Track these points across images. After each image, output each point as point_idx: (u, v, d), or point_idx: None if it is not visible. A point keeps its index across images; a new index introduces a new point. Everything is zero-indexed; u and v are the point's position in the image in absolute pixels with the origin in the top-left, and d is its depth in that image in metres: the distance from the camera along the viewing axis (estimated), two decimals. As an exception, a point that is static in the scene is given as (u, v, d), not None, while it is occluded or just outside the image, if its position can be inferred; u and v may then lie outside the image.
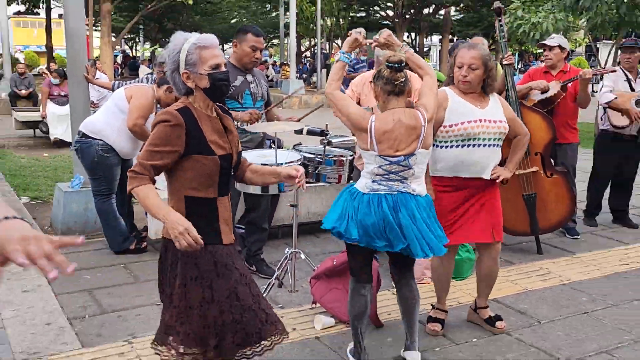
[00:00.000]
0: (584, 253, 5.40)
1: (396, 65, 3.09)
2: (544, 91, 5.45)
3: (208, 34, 2.57)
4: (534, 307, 4.24)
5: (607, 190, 6.34)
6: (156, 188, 5.46)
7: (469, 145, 3.54)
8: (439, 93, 3.62)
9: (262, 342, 2.58)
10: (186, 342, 2.50)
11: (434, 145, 3.55)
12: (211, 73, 2.47)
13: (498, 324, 3.84)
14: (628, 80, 5.86)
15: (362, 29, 3.66)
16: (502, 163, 3.73)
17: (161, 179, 5.37)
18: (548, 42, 5.69)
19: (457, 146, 3.54)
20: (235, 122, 4.18)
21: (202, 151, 2.46)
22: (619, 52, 6.16)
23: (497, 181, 3.64)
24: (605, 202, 6.37)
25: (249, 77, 4.52)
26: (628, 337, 3.82)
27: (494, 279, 3.88)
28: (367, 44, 3.58)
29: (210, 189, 2.53)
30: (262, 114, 4.52)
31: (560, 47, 5.62)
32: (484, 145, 3.55)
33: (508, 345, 3.69)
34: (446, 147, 3.57)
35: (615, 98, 5.75)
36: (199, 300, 2.47)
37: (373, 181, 3.17)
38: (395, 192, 3.14)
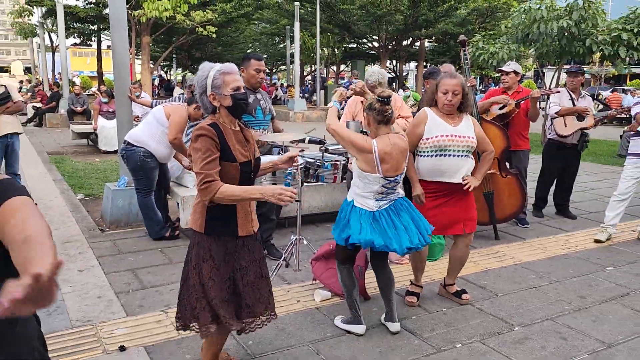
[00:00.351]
0: (532, 239, 5.40)
1: (385, 99, 3.16)
2: (503, 106, 5.47)
3: (229, 63, 2.58)
4: (492, 283, 4.24)
5: (552, 188, 6.34)
6: (186, 187, 5.48)
7: (441, 155, 3.54)
8: (420, 113, 3.68)
9: (260, 317, 2.62)
10: (205, 316, 2.51)
11: (417, 154, 3.64)
12: (233, 94, 2.49)
13: (463, 296, 3.85)
14: (571, 99, 5.86)
15: (342, 89, 3.71)
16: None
17: (191, 177, 5.40)
18: (505, 68, 5.70)
19: (432, 155, 3.56)
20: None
21: (228, 158, 2.47)
22: (564, 75, 6.16)
23: (468, 189, 3.59)
24: (550, 198, 6.37)
25: (259, 96, 4.52)
26: (568, 307, 3.82)
27: (464, 263, 3.88)
28: (348, 95, 3.77)
29: None
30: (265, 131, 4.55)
31: (515, 72, 5.64)
32: (453, 155, 3.53)
33: (471, 314, 3.69)
34: (424, 156, 3.59)
35: (561, 109, 5.78)
36: (207, 278, 2.51)
37: (377, 200, 3.21)
38: (393, 201, 3.25)
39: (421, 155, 3.61)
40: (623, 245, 5.26)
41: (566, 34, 12.01)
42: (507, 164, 5.49)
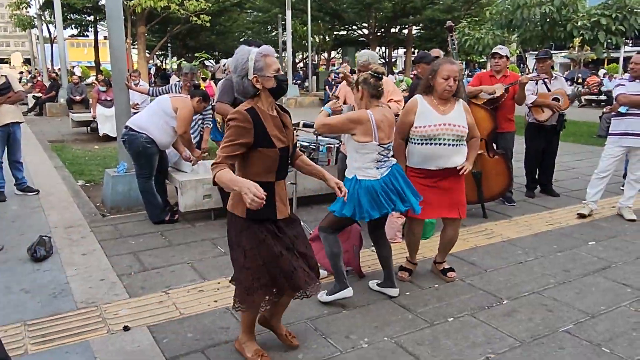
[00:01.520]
0: (518, 216, 5.40)
1: (379, 75, 3.26)
2: (491, 94, 5.43)
3: (267, 45, 2.50)
4: (481, 259, 4.24)
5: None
6: (184, 171, 5.42)
7: (431, 144, 3.48)
8: (411, 101, 3.65)
9: (304, 290, 2.61)
10: (262, 293, 2.54)
11: (409, 142, 3.60)
12: (276, 75, 2.44)
13: (449, 274, 3.84)
14: (544, 83, 5.83)
15: (335, 100, 3.72)
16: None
17: (188, 163, 5.35)
18: (500, 51, 5.59)
19: (423, 144, 3.51)
20: None
21: (265, 144, 2.42)
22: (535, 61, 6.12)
23: (463, 173, 3.55)
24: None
25: None
26: (553, 280, 3.83)
27: (453, 244, 3.87)
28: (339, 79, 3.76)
29: (270, 175, 2.50)
30: None
31: (506, 56, 5.60)
32: (444, 144, 3.48)
33: (461, 288, 3.69)
34: (415, 143, 3.55)
35: (536, 99, 5.74)
36: (263, 259, 2.50)
37: (377, 168, 3.25)
38: (390, 167, 3.31)
39: (413, 143, 3.57)
40: (604, 220, 5.27)
41: (548, 19, 11.97)
42: (494, 145, 5.48)
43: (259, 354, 2.73)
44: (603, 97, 18.33)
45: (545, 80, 5.81)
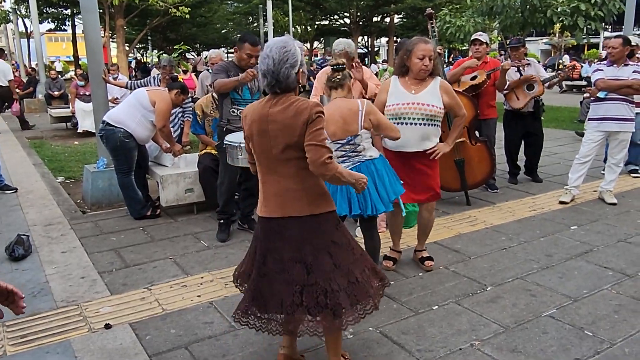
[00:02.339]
0: (502, 203, 5.42)
1: (335, 66, 3.22)
2: (474, 77, 5.41)
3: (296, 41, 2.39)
4: (465, 246, 4.25)
5: (521, 155, 6.34)
6: (165, 165, 5.34)
7: (400, 123, 3.43)
8: (385, 81, 3.64)
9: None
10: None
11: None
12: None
13: (426, 262, 3.81)
14: (518, 70, 5.81)
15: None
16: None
17: (169, 156, 5.27)
18: (481, 38, 5.58)
19: (395, 123, 3.42)
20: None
21: None
22: (528, 47, 6.14)
23: (435, 157, 3.52)
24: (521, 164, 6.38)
25: None
26: (536, 265, 3.86)
27: (430, 227, 3.85)
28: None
29: None
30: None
31: (486, 43, 5.60)
32: (412, 124, 3.43)
33: (446, 276, 3.70)
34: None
35: (509, 84, 5.71)
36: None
37: (340, 162, 3.15)
38: (358, 164, 3.17)
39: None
40: (586, 205, 5.32)
41: (528, 6, 12.01)
42: (477, 132, 5.48)
43: None
44: (583, 83, 18.50)
45: (520, 67, 5.80)
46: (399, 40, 31.22)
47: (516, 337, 2.88)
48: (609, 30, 28.09)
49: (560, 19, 11.90)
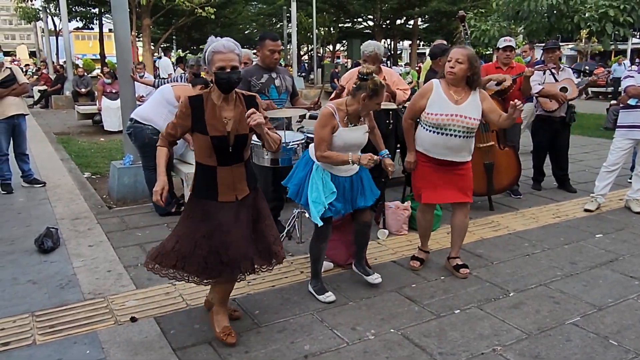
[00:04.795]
0: (525, 209, 5.37)
1: (363, 76, 3.17)
2: (499, 83, 5.38)
3: (226, 41, 2.62)
4: (488, 252, 4.22)
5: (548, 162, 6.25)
6: (189, 163, 5.37)
7: (441, 134, 3.45)
8: (427, 84, 3.61)
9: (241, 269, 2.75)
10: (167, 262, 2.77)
11: (420, 124, 3.57)
12: (216, 72, 2.58)
13: (461, 270, 3.74)
14: (552, 74, 5.77)
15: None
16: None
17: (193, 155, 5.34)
18: (512, 44, 5.54)
19: (433, 132, 3.47)
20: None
21: (200, 130, 2.64)
22: (543, 52, 6.06)
23: (468, 170, 3.60)
24: (548, 171, 6.28)
25: (274, 74, 4.38)
26: (560, 272, 3.81)
27: (465, 231, 3.79)
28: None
29: (211, 159, 2.68)
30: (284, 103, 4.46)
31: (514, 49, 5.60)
32: (455, 135, 3.45)
33: (468, 281, 3.68)
34: (426, 129, 3.53)
35: (543, 88, 5.68)
36: (184, 232, 2.74)
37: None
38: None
39: (424, 128, 3.55)
40: (611, 213, 5.24)
41: (555, 11, 11.86)
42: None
43: (226, 332, 2.84)
44: (610, 90, 18.19)
45: (553, 71, 5.76)
46: (421, 44, 31.11)
47: (539, 344, 2.86)
48: (637, 36, 27.52)
49: (588, 25, 11.72)
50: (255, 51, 4.89)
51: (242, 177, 2.77)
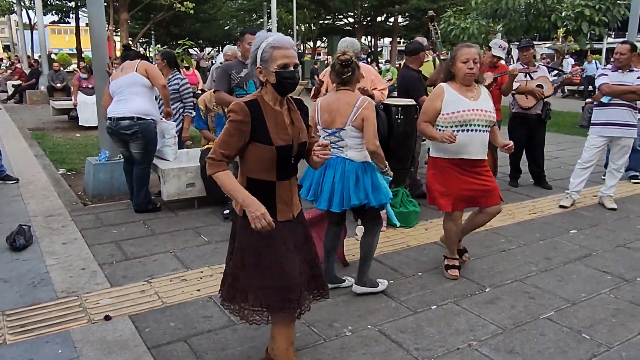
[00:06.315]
0: (501, 205, 5.41)
1: (343, 62, 3.18)
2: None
3: (283, 36, 2.26)
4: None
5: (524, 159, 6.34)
6: (167, 160, 5.35)
7: (465, 130, 3.38)
8: (437, 88, 3.53)
9: (305, 303, 2.41)
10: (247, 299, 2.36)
11: (437, 128, 3.47)
12: (278, 71, 2.20)
13: (464, 256, 3.91)
14: (527, 74, 5.85)
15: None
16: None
17: (172, 150, 5.29)
18: (503, 55, 5.68)
19: (458, 130, 3.37)
20: None
21: (262, 140, 2.22)
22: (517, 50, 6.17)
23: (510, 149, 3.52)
24: (525, 168, 6.37)
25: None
26: (535, 268, 3.87)
27: (478, 227, 3.82)
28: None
29: (270, 173, 2.28)
30: None
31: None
32: (478, 130, 3.40)
33: (445, 277, 3.70)
34: (445, 131, 3.39)
35: (519, 85, 5.75)
36: (251, 264, 2.31)
37: None
38: (332, 157, 3.19)
39: (442, 131, 3.43)
40: (585, 209, 5.33)
41: (533, 9, 12.02)
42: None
43: None
44: (581, 88, 18.52)
45: (529, 73, 5.83)
46: (402, 41, 31.25)
47: (514, 339, 2.89)
48: (612, 36, 28.08)
49: (565, 24, 11.92)
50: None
51: (296, 190, 2.44)
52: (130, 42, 5.55)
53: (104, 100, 5.15)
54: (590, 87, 17.00)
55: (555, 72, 6.45)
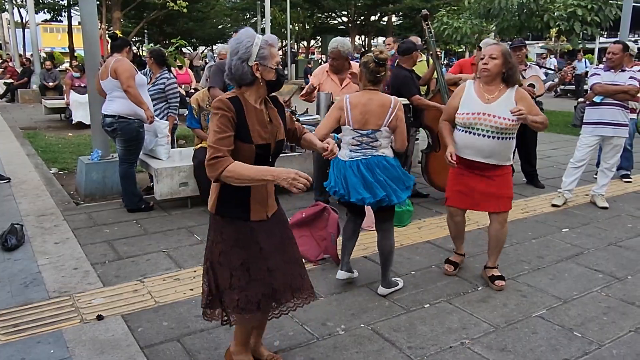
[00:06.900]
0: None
1: (381, 61, 3.15)
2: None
3: (272, 35, 2.30)
4: (457, 246, 4.27)
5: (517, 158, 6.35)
6: (159, 159, 5.33)
7: (470, 133, 3.35)
8: (461, 85, 3.55)
9: (279, 308, 2.39)
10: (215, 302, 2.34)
11: (456, 127, 3.48)
12: (277, 68, 2.23)
13: (496, 282, 3.52)
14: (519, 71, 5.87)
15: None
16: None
17: (165, 149, 5.24)
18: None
19: (463, 131, 3.39)
20: None
21: (242, 138, 2.18)
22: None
23: (519, 116, 3.19)
24: (518, 167, 6.38)
25: None
26: (527, 266, 3.89)
27: (503, 240, 3.57)
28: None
29: None
30: None
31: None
32: (483, 135, 3.31)
33: (438, 276, 3.71)
34: (458, 129, 3.44)
35: None
36: (216, 261, 2.29)
37: (350, 151, 3.24)
38: (369, 157, 3.20)
39: (457, 128, 3.45)
40: (577, 208, 5.37)
41: (525, 9, 12.08)
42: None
43: None
44: (572, 87, 18.63)
45: (521, 72, 5.85)
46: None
47: (506, 337, 2.91)
48: (605, 35, 28.23)
49: (557, 24, 11.98)
50: None
51: (272, 191, 2.37)
52: (117, 32, 5.47)
53: (100, 93, 5.11)
54: (580, 87, 17.12)
55: (543, 70, 6.44)
